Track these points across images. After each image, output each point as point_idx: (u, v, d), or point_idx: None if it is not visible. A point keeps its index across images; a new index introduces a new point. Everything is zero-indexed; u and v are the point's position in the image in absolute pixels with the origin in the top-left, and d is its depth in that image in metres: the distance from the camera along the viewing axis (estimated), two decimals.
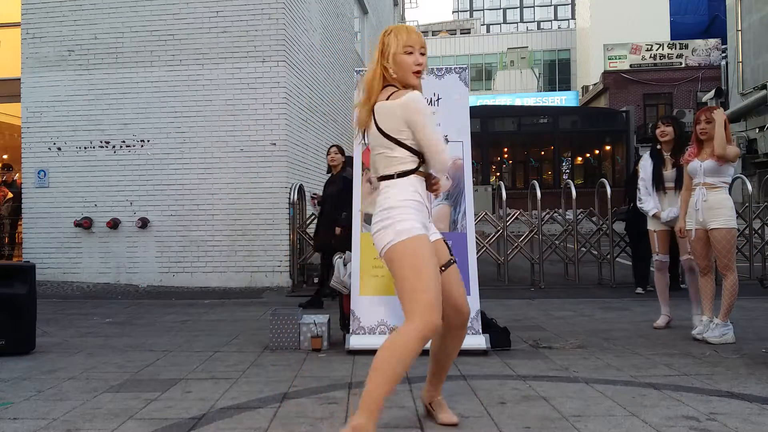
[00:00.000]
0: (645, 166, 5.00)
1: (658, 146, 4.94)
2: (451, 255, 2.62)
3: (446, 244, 2.63)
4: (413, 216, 2.45)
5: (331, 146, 6.66)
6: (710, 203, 4.34)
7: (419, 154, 2.49)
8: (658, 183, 4.88)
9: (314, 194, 6.64)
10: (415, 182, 2.51)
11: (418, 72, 2.54)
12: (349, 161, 7.29)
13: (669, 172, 4.85)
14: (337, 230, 6.00)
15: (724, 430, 2.60)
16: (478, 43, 47.61)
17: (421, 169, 2.52)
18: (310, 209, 8.33)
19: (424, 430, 2.67)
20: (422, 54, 2.54)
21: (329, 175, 6.60)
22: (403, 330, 2.36)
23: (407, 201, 2.47)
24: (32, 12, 8.50)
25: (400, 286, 2.41)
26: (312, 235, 8.09)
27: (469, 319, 2.66)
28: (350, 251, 6.15)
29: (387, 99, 2.51)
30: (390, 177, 2.51)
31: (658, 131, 4.92)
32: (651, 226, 4.96)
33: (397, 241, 2.41)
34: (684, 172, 4.64)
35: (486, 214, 8.33)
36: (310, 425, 2.73)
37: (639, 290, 6.99)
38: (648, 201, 4.92)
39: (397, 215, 2.45)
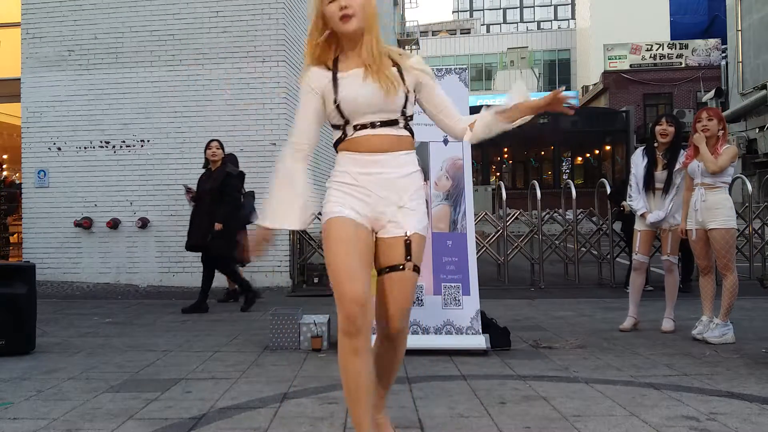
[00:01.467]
0: (637, 163, 4.93)
1: (655, 144, 4.89)
2: (408, 258, 2.16)
3: (407, 245, 2.16)
4: (334, 197, 2.22)
5: (212, 140, 6.39)
6: (709, 203, 4.34)
7: (337, 127, 2.24)
8: (648, 183, 4.84)
9: (189, 188, 6.39)
10: (345, 158, 2.24)
11: (345, 16, 2.10)
12: (231, 158, 7.08)
13: (660, 173, 4.80)
14: (217, 226, 5.86)
15: (724, 430, 2.60)
16: (478, 43, 47.62)
17: (342, 143, 2.23)
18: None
19: (424, 430, 2.67)
20: None
21: (205, 169, 6.35)
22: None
23: (333, 182, 2.27)
24: (32, 12, 8.49)
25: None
26: (309, 235, 8.12)
27: (399, 336, 2.26)
28: (233, 255, 5.99)
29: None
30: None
31: (659, 128, 4.81)
32: (637, 225, 4.95)
33: (323, 222, 2.23)
34: (683, 173, 4.66)
35: (486, 214, 8.34)
36: (310, 425, 2.73)
37: (627, 289, 6.98)
38: (638, 200, 4.88)
39: (326, 196, 2.26)
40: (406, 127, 2.25)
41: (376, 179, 2.17)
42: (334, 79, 2.17)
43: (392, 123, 2.19)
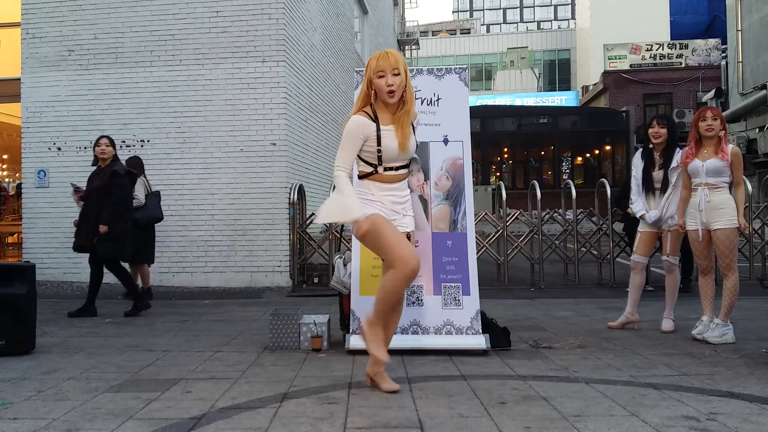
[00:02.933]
0: (636, 165, 5.00)
1: (650, 145, 4.93)
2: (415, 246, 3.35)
3: (408, 237, 3.24)
4: (366, 205, 3.13)
5: (101, 137, 6.15)
6: (713, 204, 4.34)
7: (370, 164, 3.17)
8: (647, 184, 4.88)
9: (77, 186, 6.19)
10: (369, 185, 3.19)
11: (391, 92, 3.08)
12: (136, 161, 7.05)
13: (657, 173, 4.84)
14: (101, 228, 5.68)
15: (724, 430, 2.60)
16: (478, 43, 47.61)
17: (371, 176, 3.19)
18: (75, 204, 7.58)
19: (424, 430, 2.67)
20: (395, 74, 3.06)
21: (95, 167, 6.10)
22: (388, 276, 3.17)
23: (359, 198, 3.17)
24: (32, 12, 8.50)
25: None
26: (309, 236, 8.12)
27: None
28: (124, 256, 5.86)
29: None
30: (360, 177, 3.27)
31: (651, 131, 4.87)
32: (639, 226, 5.00)
33: (356, 218, 3.10)
34: (678, 172, 4.67)
35: (486, 214, 8.33)
36: (310, 425, 2.73)
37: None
38: (638, 202, 4.93)
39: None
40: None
41: (390, 198, 3.19)
42: (378, 132, 3.10)
43: (406, 166, 3.24)
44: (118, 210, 5.84)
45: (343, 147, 3.12)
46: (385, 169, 3.15)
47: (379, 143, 3.09)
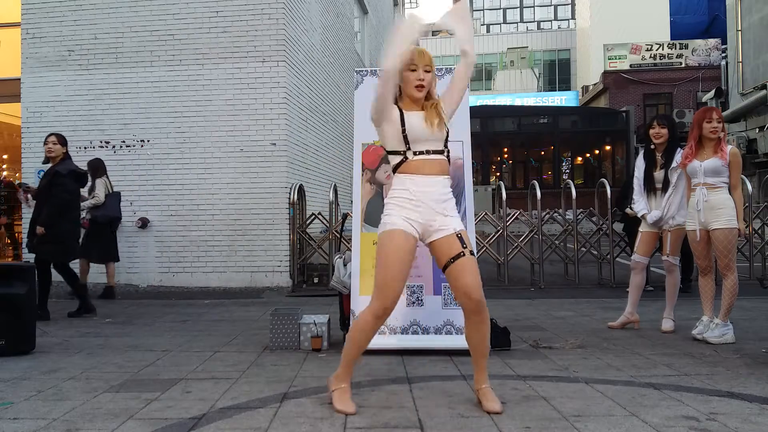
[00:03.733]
0: (639, 165, 5.02)
1: (652, 146, 4.93)
2: (465, 246, 2.86)
3: (459, 237, 2.87)
4: (394, 212, 2.87)
5: (49, 135, 5.94)
6: (712, 203, 4.34)
7: (398, 153, 2.90)
8: (649, 184, 4.88)
9: (26, 186, 6.06)
10: (404, 180, 2.89)
11: (420, 86, 2.91)
12: (97, 163, 7.04)
13: (658, 173, 4.86)
14: (39, 230, 5.56)
15: (724, 430, 2.60)
16: (478, 43, 47.53)
17: (402, 166, 2.90)
18: (24, 204, 7.44)
19: (424, 430, 2.67)
20: (426, 71, 2.92)
21: (47, 165, 5.95)
22: (365, 308, 2.93)
23: (393, 198, 2.91)
24: (32, 12, 8.49)
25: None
26: (309, 236, 8.12)
27: (482, 308, 2.84)
28: (67, 258, 5.72)
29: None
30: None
31: (652, 132, 4.88)
32: (641, 226, 5.01)
33: (379, 232, 2.93)
34: (678, 172, 4.67)
35: (486, 214, 8.33)
36: (310, 425, 2.73)
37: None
38: (639, 202, 4.95)
39: (385, 210, 2.93)
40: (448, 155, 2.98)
41: (431, 195, 2.87)
42: (401, 115, 2.89)
43: (441, 152, 2.93)
44: (55, 211, 5.64)
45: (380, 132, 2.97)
46: (415, 154, 2.86)
47: (403, 124, 2.88)
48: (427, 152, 2.88)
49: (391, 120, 2.88)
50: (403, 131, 2.86)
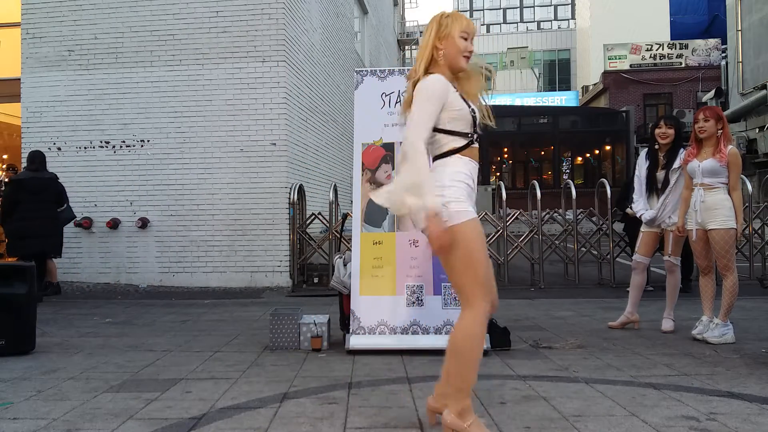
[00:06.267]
0: (641, 165, 5.02)
1: (656, 146, 4.93)
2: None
3: None
4: (464, 196, 2.49)
5: None
6: (708, 204, 4.35)
7: (461, 134, 2.57)
8: (651, 184, 4.89)
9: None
10: (467, 162, 2.58)
11: (468, 57, 2.65)
12: (37, 155, 7.04)
13: (659, 173, 4.87)
14: None
15: (724, 430, 2.60)
16: (478, 43, 47.33)
17: (466, 150, 2.58)
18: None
19: (424, 430, 2.67)
20: (472, 43, 2.68)
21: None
22: (467, 320, 2.46)
23: (456, 181, 2.50)
24: (32, 12, 8.50)
25: (456, 269, 2.45)
26: (309, 235, 8.11)
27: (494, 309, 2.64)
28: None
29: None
30: (440, 156, 2.58)
31: (658, 131, 4.88)
32: (642, 226, 5.02)
33: (454, 224, 2.40)
34: (679, 172, 4.67)
35: (486, 214, 8.33)
36: (310, 425, 2.73)
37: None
38: (638, 202, 4.96)
39: (449, 192, 2.46)
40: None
41: (474, 178, 2.62)
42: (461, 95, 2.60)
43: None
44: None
45: (424, 112, 2.47)
46: (475, 139, 2.64)
47: (468, 105, 2.60)
48: (478, 138, 2.64)
49: (451, 102, 2.55)
50: (473, 111, 2.62)
